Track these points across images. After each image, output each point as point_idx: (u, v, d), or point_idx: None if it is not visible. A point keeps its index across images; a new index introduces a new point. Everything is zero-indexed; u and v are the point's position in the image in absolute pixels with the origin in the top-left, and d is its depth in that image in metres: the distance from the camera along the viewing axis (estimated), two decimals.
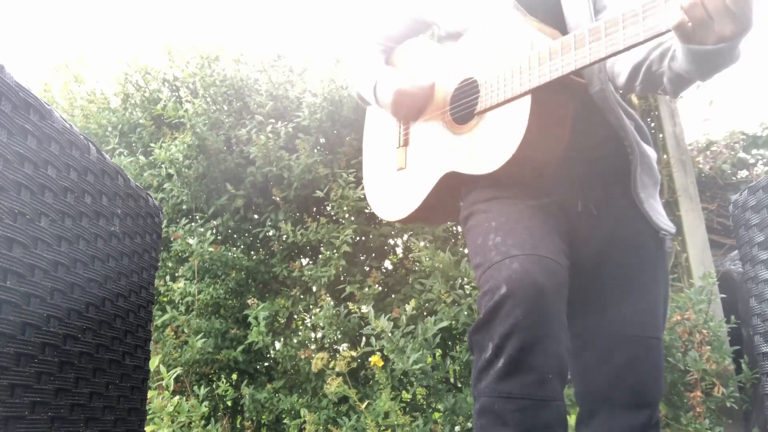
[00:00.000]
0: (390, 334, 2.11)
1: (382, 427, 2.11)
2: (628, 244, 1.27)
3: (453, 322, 2.19)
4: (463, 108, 1.27)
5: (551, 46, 1.07)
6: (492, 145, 1.17)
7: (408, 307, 2.20)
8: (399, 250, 2.89)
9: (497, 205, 1.21)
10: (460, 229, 2.75)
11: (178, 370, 2.22)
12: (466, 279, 2.35)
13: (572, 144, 1.19)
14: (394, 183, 1.46)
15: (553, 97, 1.13)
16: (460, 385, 2.41)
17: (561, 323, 1.06)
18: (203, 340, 2.43)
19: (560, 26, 1.24)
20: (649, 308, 1.25)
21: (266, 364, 2.74)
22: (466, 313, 2.19)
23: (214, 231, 2.77)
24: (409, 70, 1.48)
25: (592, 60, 1.00)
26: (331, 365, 2.17)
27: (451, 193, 1.35)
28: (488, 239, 1.15)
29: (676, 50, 1.02)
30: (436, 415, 2.31)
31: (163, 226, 2.21)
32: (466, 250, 2.57)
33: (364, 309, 2.29)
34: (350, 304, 2.25)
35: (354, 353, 2.57)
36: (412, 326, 2.18)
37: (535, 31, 1.15)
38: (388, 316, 2.15)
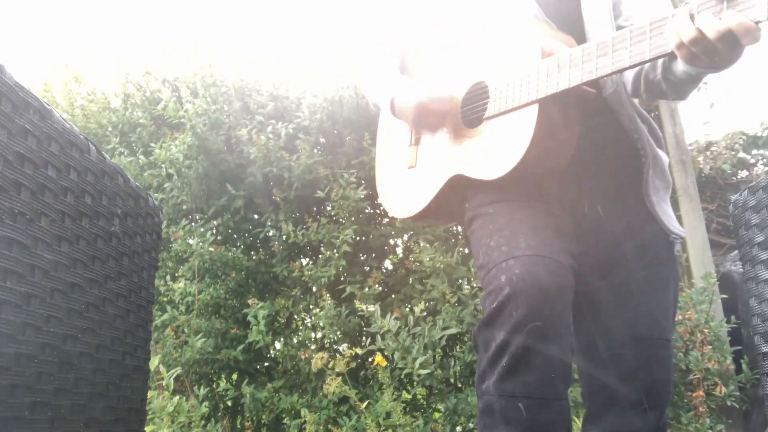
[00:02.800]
0: (395, 335, 2.11)
1: (383, 427, 2.11)
2: (638, 245, 1.26)
3: (455, 323, 2.19)
4: (473, 112, 1.28)
5: (560, 58, 1.07)
6: (498, 151, 1.18)
7: (417, 309, 2.20)
8: (399, 251, 2.89)
9: (502, 208, 1.21)
10: (461, 229, 2.75)
11: (178, 370, 2.22)
12: (469, 279, 2.35)
13: (582, 147, 1.19)
14: (404, 181, 1.47)
15: (561, 107, 1.14)
16: (460, 386, 2.41)
17: (565, 323, 1.06)
18: (203, 339, 2.42)
19: (579, 32, 1.24)
20: (659, 310, 1.25)
21: (266, 363, 2.74)
22: (471, 314, 2.19)
23: (214, 231, 2.77)
24: (424, 77, 1.47)
25: (598, 75, 1.02)
26: (330, 365, 2.18)
27: (458, 194, 1.35)
28: (491, 240, 1.16)
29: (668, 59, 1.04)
30: (437, 415, 2.31)
31: (163, 226, 2.22)
32: (466, 251, 2.57)
33: (372, 308, 2.29)
34: (357, 302, 2.25)
35: (359, 350, 2.57)
36: (418, 327, 2.18)
37: (547, 39, 1.16)
38: (394, 317, 2.15)
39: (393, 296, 2.60)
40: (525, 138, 1.12)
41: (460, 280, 2.42)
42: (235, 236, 2.89)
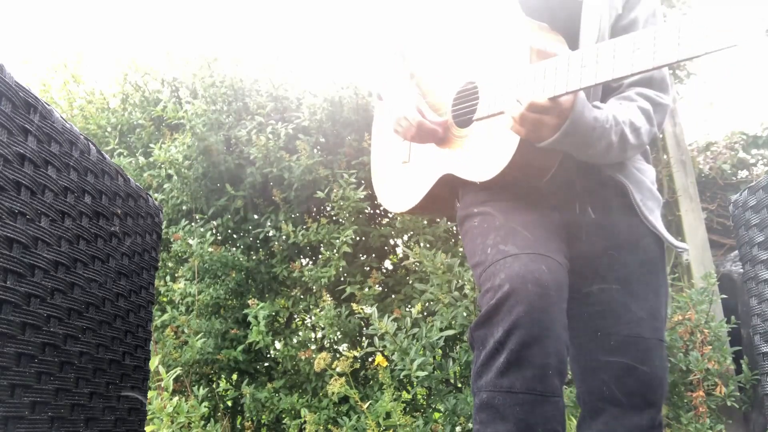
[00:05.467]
0: (393, 336, 2.10)
1: (383, 428, 2.11)
2: (630, 246, 1.27)
3: (452, 322, 2.19)
4: (464, 111, 1.28)
5: (547, 65, 1.06)
6: (487, 154, 1.19)
7: (414, 311, 2.19)
8: (399, 251, 2.89)
9: (495, 207, 1.22)
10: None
11: (178, 371, 2.22)
12: (462, 281, 2.34)
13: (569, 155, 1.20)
14: (399, 176, 1.48)
15: None
16: (460, 386, 2.41)
17: (561, 321, 1.07)
18: (203, 340, 2.42)
19: (573, 37, 1.24)
20: (651, 310, 1.25)
21: (266, 364, 2.73)
22: (464, 314, 2.19)
23: (213, 231, 2.77)
24: (422, 72, 1.48)
25: (582, 85, 0.99)
26: (333, 365, 2.17)
27: (450, 192, 1.37)
28: (487, 239, 1.16)
29: None
30: (437, 415, 2.31)
31: (163, 226, 2.21)
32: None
33: (368, 310, 2.29)
34: (354, 305, 2.25)
35: (357, 353, 2.56)
36: (416, 329, 2.18)
37: (538, 40, 1.15)
38: (391, 317, 2.15)
39: (393, 296, 2.59)
40: (512, 143, 1.13)
41: (458, 281, 2.42)
42: (235, 236, 2.89)
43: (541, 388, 1.02)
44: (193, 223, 2.73)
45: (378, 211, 2.87)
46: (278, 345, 2.67)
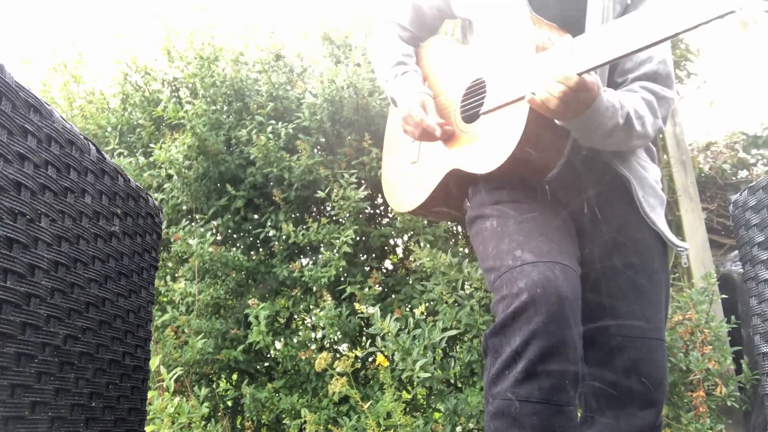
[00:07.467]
0: (395, 337, 2.10)
1: (383, 428, 2.11)
2: (632, 247, 1.27)
3: (455, 323, 2.19)
4: (472, 107, 1.30)
5: (547, 54, 1.06)
6: (491, 145, 1.19)
7: (417, 312, 2.19)
8: (399, 251, 2.88)
9: (508, 209, 1.21)
10: (460, 229, 2.74)
11: (179, 371, 2.21)
12: (468, 281, 2.34)
13: (576, 149, 1.20)
14: (407, 176, 1.49)
15: None
16: (461, 386, 2.41)
17: (578, 330, 1.07)
18: (203, 340, 2.42)
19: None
20: (652, 310, 1.25)
21: (266, 364, 2.73)
22: (467, 314, 2.19)
23: (214, 232, 2.77)
24: (434, 70, 1.51)
25: (603, 61, 0.98)
26: (333, 365, 2.17)
27: (459, 190, 1.37)
28: (501, 243, 1.15)
29: None
30: (437, 415, 2.30)
31: (163, 226, 2.21)
32: (466, 250, 2.57)
33: (371, 310, 2.28)
34: (356, 305, 2.25)
35: (358, 353, 2.56)
36: (419, 330, 2.18)
37: (541, 34, 1.16)
38: (394, 317, 2.15)
39: (393, 296, 2.59)
40: (516, 132, 1.13)
41: (459, 281, 2.41)
42: (235, 236, 2.89)
43: (558, 398, 1.02)
44: (193, 223, 2.73)
45: (378, 211, 2.87)
46: (278, 345, 2.66)
